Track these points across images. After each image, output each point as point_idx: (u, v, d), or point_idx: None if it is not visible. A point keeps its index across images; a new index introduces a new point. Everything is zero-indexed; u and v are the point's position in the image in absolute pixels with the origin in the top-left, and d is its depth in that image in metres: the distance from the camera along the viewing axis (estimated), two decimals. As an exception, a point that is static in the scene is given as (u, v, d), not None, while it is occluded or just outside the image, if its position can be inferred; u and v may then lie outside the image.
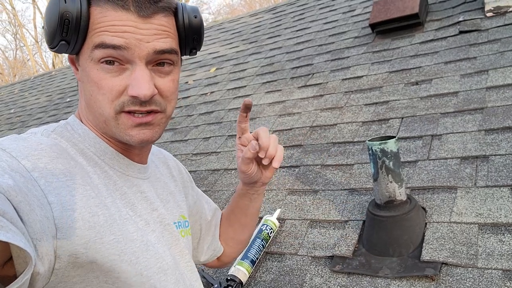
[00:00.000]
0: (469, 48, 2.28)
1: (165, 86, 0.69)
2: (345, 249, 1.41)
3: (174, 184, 0.90)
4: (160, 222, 0.78)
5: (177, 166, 0.97)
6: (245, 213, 1.00)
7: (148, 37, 0.65)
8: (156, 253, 0.73)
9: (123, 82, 0.66)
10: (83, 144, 0.70)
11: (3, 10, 23.16)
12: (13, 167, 0.56)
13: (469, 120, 1.75)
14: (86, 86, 0.68)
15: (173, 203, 0.85)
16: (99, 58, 0.64)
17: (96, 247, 0.61)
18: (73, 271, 0.59)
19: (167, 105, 0.71)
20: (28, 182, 0.56)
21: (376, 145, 1.34)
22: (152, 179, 0.81)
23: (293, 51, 3.40)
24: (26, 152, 0.60)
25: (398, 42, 2.73)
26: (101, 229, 0.63)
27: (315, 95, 2.54)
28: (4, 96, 7.01)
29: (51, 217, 0.56)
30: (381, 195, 1.37)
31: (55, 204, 0.58)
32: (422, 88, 2.13)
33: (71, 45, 0.65)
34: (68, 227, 0.58)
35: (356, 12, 3.60)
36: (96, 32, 0.64)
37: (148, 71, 0.66)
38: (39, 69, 21.24)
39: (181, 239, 0.82)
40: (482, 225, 1.28)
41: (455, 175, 1.50)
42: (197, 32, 0.74)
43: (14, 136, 0.64)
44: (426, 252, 1.26)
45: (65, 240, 0.57)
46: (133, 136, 0.68)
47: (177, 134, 2.86)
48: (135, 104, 0.66)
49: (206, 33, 5.31)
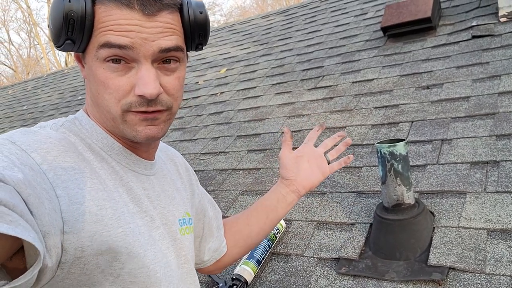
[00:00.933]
0: (482, 53, 2.26)
1: (170, 84, 0.70)
2: (351, 251, 1.40)
3: (180, 182, 0.90)
4: (163, 219, 0.78)
5: (184, 164, 0.97)
6: (266, 214, 1.02)
7: (154, 36, 0.65)
8: (161, 249, 0.74)
9: (129, 81, 0.66)
10: (90, 139, 0.71)
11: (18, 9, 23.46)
12: (23, 161, 0.57)
13: (480, 125, 1.73)
14: (92, 84, 0.69)
15: (179, 199, 0.85)
16: (104, 57, 0.65)
17: (102, 240, 0.61)
18: (79, 268, 0.60)
19: (173, 103, 0.72)
20: (37, 175, 0.56)
21: (385, 148, 1.33)
22: (158, 176, 0.82)
23: (304, 53, 3.40)
24: (36, 145, 0.61)
25: (409, 46, 2.71)
26: (109, 221, 0.63)
27: (324, 97, 2.54)
28: (17, 93, 7.11)
29: (58, 210, 0.57)
30: (389, 198, 1.37)
31: (63, 198, 0.58)
32: (433, 92, 2.11)
33: (77, 44, 0.66)
34: (74, 220, 0.58)
35: (368, 15, 3.59)
36: (101, 31, 0.64)
37: (154, 70, 0.66)
38: (52, 67, 21.51)
39: (181, 238, 0.82)
40: (491, 230, 1.26)
41: (464, 180, 1.49)
42: (202, 27, 0.73)
43: (24, 130, 0.65)
44: (434, 256, 1.25)
45: (72, 233, 0.58)
46: (139, 132, 0.69)
47: (186, 134, 2.87)
48: (142, 105, 0.67)
49: (217, 34, 5.34)
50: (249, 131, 2.53)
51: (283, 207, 1.01)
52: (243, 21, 5.53)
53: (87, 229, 0.60)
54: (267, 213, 1.02)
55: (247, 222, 1.04)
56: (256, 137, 2.43)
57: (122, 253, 0.64)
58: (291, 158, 1.01)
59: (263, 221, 1.02)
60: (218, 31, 5.57)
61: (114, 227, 0.64)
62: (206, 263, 1.01)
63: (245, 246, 1.05)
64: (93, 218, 0.61)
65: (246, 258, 1.47)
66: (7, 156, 0.55)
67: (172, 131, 3.01)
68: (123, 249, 0.64)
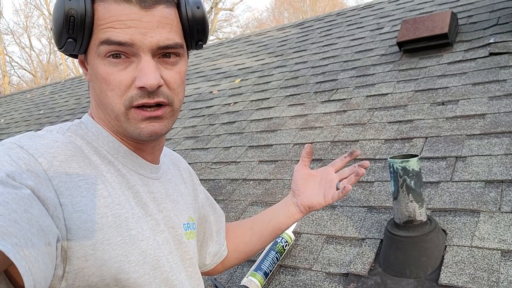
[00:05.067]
0: (499, 71, 2.23)
1: (171, 78, 0.70)
2: (360, 267, 1.38)
3: (184, 186, 0.91)
4: (168, 223, 0.78)
5: (188, 169, 0.98)
6: (269, 219, 1.03)
7: (152, 31, 0.66)
8: (164, 253, 0.74)
9: (130, 75, 0.67)
10: (96, 142, 0.72)
11: (40, 15, 24.02)
12: (30, 167, 0.57)
13: (496, 143, 1.70)
14: (95, 84, 0.70)
15: (183, 204, 0.86)
16: (105, 52, 0.66)
17: (104, 248, 0.62)
18: (83, 280, 0.59)
19: (174, 98, 0.72)
20: (43, 183, 0.57)
21: (397, 163, 1.32)
22: (163, 180, 0.82)
23: (318, 66, 3.40)
24: (43, 150, 0.61)
25: (425, 62, 2.70)
26: (109, 230, 0.63)
27: (338, 111, 2.53)
28: (35, 97, 7.25)
29: (62, 218, 0.57)
30: (401, 214, 1.34)
31: (66, 206, 0.59)
32: (448, 109, 2.09)
33: (78, 43, 0.67)
34: (77, 228, 0.59)
35: (384, 30, 3.58)
36: (102, 28, 0.65)
37: (153, 62, 0.67)
38: (70, 73, 21.90)
39: (186, 242, 0.82)
40: (505, 251, 1.23)
41: (478, 199, 1.46)
42: (200, 23, 0.74)
43: (31, 133, 0.66)
44: (445, 275, 1.22)
45: (74, 241, 0.58)
46: (143, 129, 0.69)
47: (199, 142, 2.88)
48: (143, 97, 0.67)
49: (233, 45, 5.38)
50: (261, 141, 2.52)
51: (285, 216, 1.01)
52: (259, 33, 5.57)
53: (89, 237, 0.60)
54: (270, 219, 1.03)
55: (250, 226, 1.06)
56: (268, 148, 2.42)
57: (122, 261, 0.64)
58: (302, 174, 1.01)
59: (265, 226, 1.03)
60: (234, 42, 5.61)
61: (114, 235, 0.64)
62: (208, 266, 1.03)
63: (244, 252, 1.06)
64: (95, 227, 0.61)
65: (254, 270, 1.46)
66: (15, 161, 0.56)
67: (185, 139, 3.03)
68: (123, 257, 0.64)
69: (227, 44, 5.62)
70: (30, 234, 0.47)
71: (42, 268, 0.47)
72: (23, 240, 0.45)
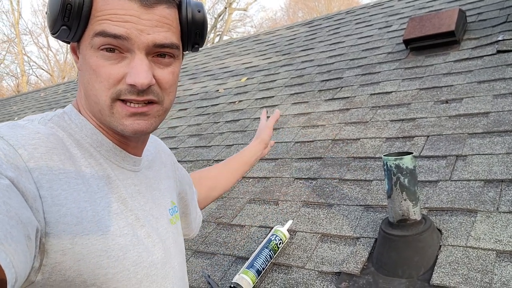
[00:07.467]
0: (506, 69, 2.17)
1: (164, 78, 0.69)
2: (353, 266, 1.36)
3: (164, 170, 0.90)
4: (152, 215, 0.77)
5: (165, 150, 0.98)
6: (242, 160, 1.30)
7: (149, 29, 0.65)
8: (146, 248, 0.73)
9: (121, 70, 0.65)
10: (79, 134, 0.70)
11: (57, 16, 24.38)
12: (9, 158, 0.56)
13: (498, 142, 1.66)
14: (84, 74, 0.68)
15: (165, 190, 0.86)
16: (99, 45, 0.64)
17: (82, 243, 0.61)
18: (60, 274, 0.59)
19: (165, 97, 0.71)
20: (22, 175, 0.56)
21: (391, 161, 1.29)
22: (144, 170, 0.81)
23: (324, 64, 3.37)
24: (24, 140, 0.60)
25: (431, 60, 2.65)
26: (88, 224, 0.62)
27: (341, 109, 2.50)
28: (48, 96, 7.36)
29: (41, 211, 0.57)
30: (394, 213, 1.32)
31: (46, 198, 0.58)
32: (451, 107, 2.05)
33: (72, 31, 0.65)
34: (56, 221, 0.58)
35: (392, 28, 3.53)
36: (98, 19, 0.64)
37: (147, 61, 0.66)
38: (86, 72, 22.17)
39: (172, 227, 0.82)
40: (500, 252, 1.20)
41: (476, 198, 1.42)
42: (200, 27, 0.73)
43: (12, 123, 0.64)
44: (437, 276, 1.19)
45: (53, 234, 0.58)
46: (127, 126, 0.68)
47: (202, 140, 2.88)
48: (132, 94, 0.66)
49: (242, 44, 5.38)
50: (263, 140, 2.51)
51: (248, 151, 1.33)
52: (268, 32, 5.55)
53: (68, 231, 0.59)
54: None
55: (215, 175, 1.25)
56: (269, 146, 2.41)
57: (101, 256, 0.63)
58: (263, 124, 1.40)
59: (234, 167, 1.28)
60: (242, 41, 5.61)
61: (93, 230, 0.63)
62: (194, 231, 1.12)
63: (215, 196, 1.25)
64: (74, 220, 0.60)
65: (246, 267, 1.44)
66: None
67: (189, 137, 3.03)
68: (103, 252, 0.64)
69: (236, 43, 5.62)
70: (9, 226, 0.47)
71: (22, 261, 0.47)
72: (2, 233, 0.45)
